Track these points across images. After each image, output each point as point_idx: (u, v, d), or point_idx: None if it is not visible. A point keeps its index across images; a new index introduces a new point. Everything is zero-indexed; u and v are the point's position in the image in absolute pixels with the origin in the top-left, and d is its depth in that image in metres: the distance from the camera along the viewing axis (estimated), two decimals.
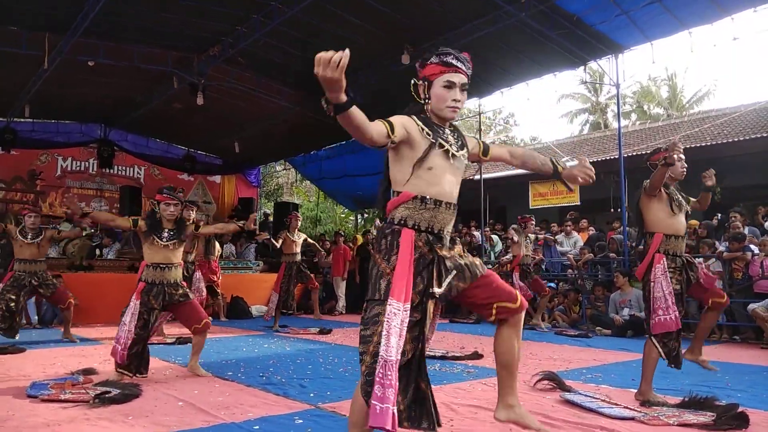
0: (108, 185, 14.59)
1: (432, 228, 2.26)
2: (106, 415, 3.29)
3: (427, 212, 2.25)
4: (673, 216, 3.87)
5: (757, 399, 3.82)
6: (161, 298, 4.48)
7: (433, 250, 2.24)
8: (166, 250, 4.55)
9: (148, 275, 4.51)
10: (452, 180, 2.33)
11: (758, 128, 11.58)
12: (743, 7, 7.73)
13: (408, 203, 2.25)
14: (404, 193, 2.25)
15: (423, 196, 2.24)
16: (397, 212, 2.27)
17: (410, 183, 2.25)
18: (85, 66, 9.30)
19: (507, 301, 2.30)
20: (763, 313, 6.71)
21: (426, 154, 2.25)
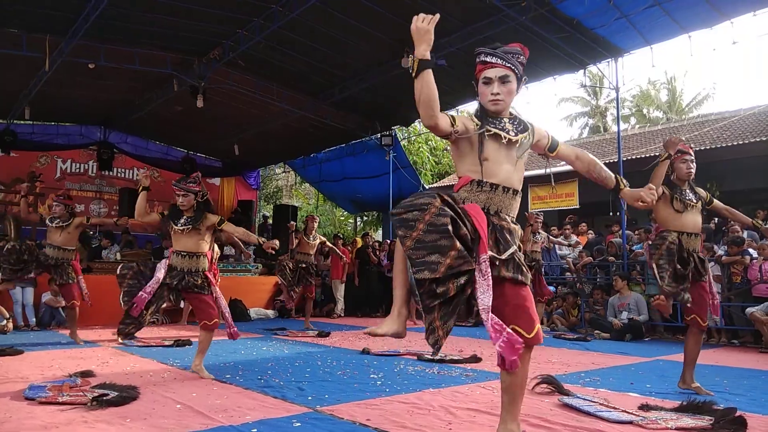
0: (107, 187, 14.60)
1: (488, 209, 2.39)
2: (104, 418, 3.28)
3: (484, 194, 2.40)
4: (678, 214, 3.97)
5: (756, 403, 3.81)
6: (178, 279, 4.62)
7: (490, 221, 2.35)
8: (184, 237, 4.69)
9: (172, 260, 4.70)
10: (509, 168, 2.46)
11: (757, 132, 11.60)
12: (743, 11, 7.76)
13: (466, 186, 2.43)
14: (464, 177, 2.44)
15: (479, 180, 2.41)
16: (458, 195, 2.43)
17: (469, 170, 2.44)
18: (85, 68, 9.32)
19: (523, 328, 2.31)
20: (761, 317, 6.71)
21: (481, 144, 2.39)
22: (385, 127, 13.02)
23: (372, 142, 13.51)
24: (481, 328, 9.31)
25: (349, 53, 9.79)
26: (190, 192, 4.76)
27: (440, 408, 3.54)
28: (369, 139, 13.52)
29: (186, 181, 4.84)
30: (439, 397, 3.87)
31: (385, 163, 13.37)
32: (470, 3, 7.94)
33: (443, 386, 4.27)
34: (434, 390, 4.10)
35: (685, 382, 4.18)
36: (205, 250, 4.82)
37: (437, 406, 3.57)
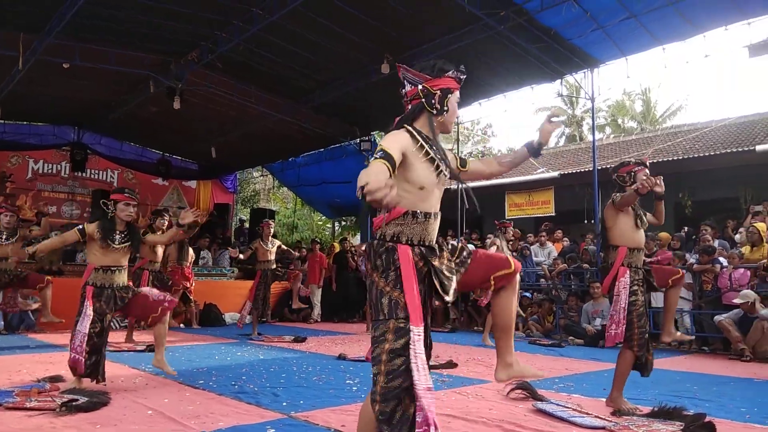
0: (80, 189, 14.33)
1: (423, 241, 2.22)
2: (73, 424, 3.22)
3: (419, 226, 2.21)
4: (636, 230, 4.03)
5: (724, 409, 3.89)
6: (113, 302, 4.38)
7: (427, 263, 2.20)
8: (116, 253, 4.44)
9: (97, 279, 4.37)
10: (438, 194, 2.33)
11: (728, 143, 11.87)
12: (715, 25, 7.95)
13: (399, 219, 2.19)
14: (395, 210, 2.17)
15: (414, 211, 2.20)
16: (388, 229, 2.20)
17: (402, 198, 2.17)
18: (59, 67, 9.15)
19: (502, 269, 2.34)
20: (728, 326, 6.85)
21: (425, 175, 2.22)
22: (364, 132, 13.03)
23: (351, 147, 13.50)
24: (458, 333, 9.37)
25: (329, 58, 9.78)
26: (133, 203, 4.58)
27: None
28: (348, 144, 13.51)
29: (133, 192, 4.68)
30: None
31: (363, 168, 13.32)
32: (450, 11, 8.00)
33: None
34: None
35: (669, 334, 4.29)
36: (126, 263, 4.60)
37: None
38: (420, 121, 2.32)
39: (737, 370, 5.96)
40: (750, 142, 11.26)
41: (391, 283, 2.14)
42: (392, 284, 2.13)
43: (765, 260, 7.34)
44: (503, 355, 2.46)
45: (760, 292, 6.97)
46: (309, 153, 14.78)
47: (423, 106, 2.30)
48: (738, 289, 7.14)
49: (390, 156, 2.02)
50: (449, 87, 2.31)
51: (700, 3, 7.49)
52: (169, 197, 15.86)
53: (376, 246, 2.19)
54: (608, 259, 4.08)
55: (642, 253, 4.09)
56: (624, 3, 7.61)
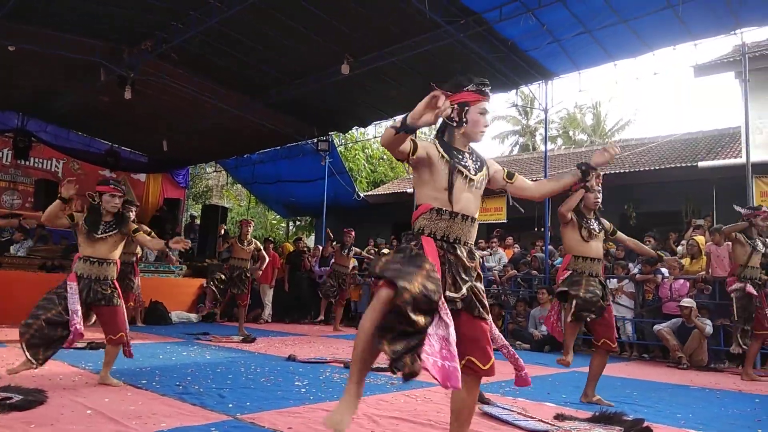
0: (23, 177, 13.75)
1: (447, 237, 2.45)
2: (6, 423, 3.07)
3: (443, 222, 2.45)
4: (583, 242, 4.23)
5: (661, 414, 4.03)
6: (85, 293, 4.27)
7: (446, 256, 2.41)
8: (100, 243, 4.38)
9: (79, 268, 4.34)
10: (469, 197, 2.53)
11: (673, 158, 12.36)
12: (664, 44, 8.27)
13: (426, 214, 2.47)
14: (423, 205, 2.49)
15: (439, 208, 2.46)
16: (417, 223, 2.50)
17: (429, 197, 2.49)
18: (5, 50, 8.75)
19: (479, 360, 2.39)
20: (667, 335, 7.12)
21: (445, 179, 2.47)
22: (322, 132, 12.97)
23: (308, 147, 13.42)
24: None
25: (288, 55, 9.68)
26: (119, 194, 4.50)
27: (363, 416, 3.53)
28: (305, 143, 13.42)
29: (118, 182, 4.62)
30: (363, 405, 3.85)
31: (320, 168, 13.29)
32: (412, 17, 8.04)
33: (368, 394, 4.27)
34: None
35: (587, 396, 4.44)
36: (116, 258, 4.52)
37: (361, 414, 3.56)
38: (447, 134, 2.61)
39: (675, 377, 6.19)
40: (693, 159, 11.75)
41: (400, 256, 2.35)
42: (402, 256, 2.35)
43: (703, 272, 7.66)
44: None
45: (697, 302, 7.27)
46: (265, 150, 14.62)
47: (445, 120, 2.58)
48: (678, 299, 7.44)
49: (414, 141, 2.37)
50: (466, 100, 2.56)
51: (650, 22, 7.78)
52: None
53: (406, 236, 2.52)
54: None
55: (596, 262, 4.34)
56: (579, 18, 7.83)
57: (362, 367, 2.29)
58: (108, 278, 4.41)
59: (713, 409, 4.39)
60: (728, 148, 12.07)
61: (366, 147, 20.53)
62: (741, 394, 5.23)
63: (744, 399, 4.98)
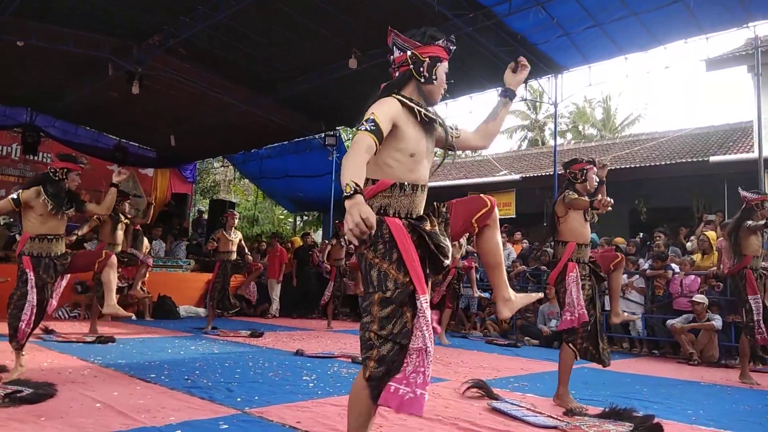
0: (31, 173, 13.77)
1: (411, 214, 2.19)
2: (17, 416, 3.08)
3: (406, 198, 2.17)
4: (584, 226, 4.12)
5: (672, 411, 4.00)
6: (52, 270, 4.30)
7: (416, 230, 2.13)
8: (54, 221, 4.34)
9: (33, 248, 4.26)
10: (427, 165, 2.28)
11: (684, 153, 12.26)
12: (675, 38, 8.19)
13: (386, 191, 2.14)
14: (381, 181, 2.14)
15: (402, 182, 2.16)
16: (374, 201, 2.13)
17: (386, 170, 2.15)
18: (13, 46, 8.78)
19: (479, 210, 2.26)
20: (680, 329, 7.06)
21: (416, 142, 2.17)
22: (330, 127, 12.95)
23: (315, 142, 13.41)
24: None
25: (295, 50, 9.66)
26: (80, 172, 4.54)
27: None
28: (312, 138, 13.41)
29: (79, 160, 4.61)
30: None
31: (327, 163, 13.28)
32: (420, 10, 8.00)
33: None
34: None
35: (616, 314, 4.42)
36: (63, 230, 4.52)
37: None
38: (408, 88, 2.27)
39: (685, 373, 6.15)
40: (704, 153, 11.65)
41: (380, 255, 2.10)
42: (381, 256, 2.10)
43: (714, 268, 7.59)
44: (501, 292, 2.41)
45: (709, 298, 7.21)
46: (272, 145, 14.61)
47: (411, 73, 2.27)
48: (689, 295, 7.37)
49: (378, 128, 2.00)
50: (438, 55, 2.28)
51: (661, 16, 7.70)
52: (124, 185, 15.34)
53: None
54: (556, 254, 4.24)
55: (588, 248, 4.22)
56: (589, 11, 7.76)
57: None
58: (62, 250, 4.42)
59: (724, 406, 4.35)
60: (740, 143, 11.96)
61: None
62: (752, 391, 5.18)
63: (755, 395, 4.93)
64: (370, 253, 2.11)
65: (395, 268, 2.09)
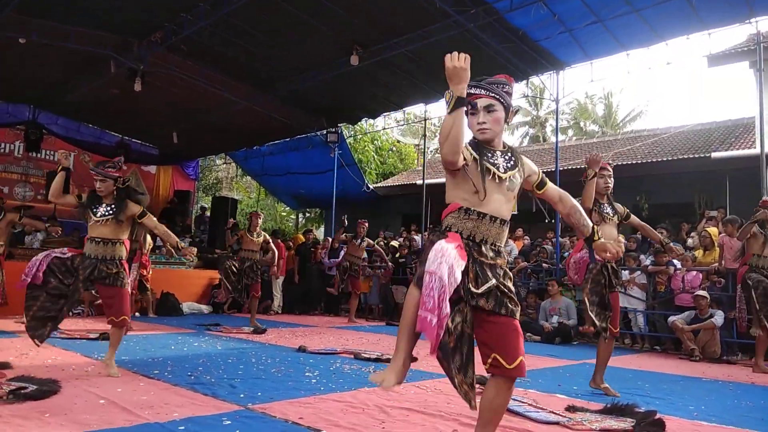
0: (34, 170, 13.86)
1: (473, 237, 2.38)
2: (21, 413, 3.10)
3: (470, 222, 2.38)
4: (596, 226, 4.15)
5: (674, 406, 4.01)
6: (90, 270, 4.30)
7: (471, 254, 2.34)
8: (100, 226, 4.40)
9: (87, 248, 4.39)
10: (500, 198, 2.43)
11: (685, 149, 12.24)
12: (677, 33, 8.17)
13: (454, 213, 2.42)
14: (452, 204, 2.44)
15: (467, 207, 2.40)
16: (445, 221, 2.45)
17: (459, 197, 2.43)
18: (15, 43, 8.79)
19: (503, 358, 2.28)
20: (681, 326, 7.07)
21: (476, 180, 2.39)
22: (331, 124, 12.95)
23: (317, 138, 13.41)
24: None
25: (298, 47, 9.66)
26: (108, 177, 4.49)
27: (374, 407, 3.54)
28: (314, 135, 13.42)
29: (105, 165, 4.57)
30: (373, 395, 3.87)
31: (329, 160, 13.30)
32: (420, 6, 8.00)
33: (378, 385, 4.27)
34: (369, 389, 4.09)
35: (595, 382, 4.47)
36: (124, 238, 4.54)
37: (371, 405, 3.57)
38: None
39: (687, 369, 6.15)
40: (706, 149, 11.63)
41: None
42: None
43: (716, 264, 7.60)
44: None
45: (710, 294, 7.21)
46: (274, 142, 14.63)
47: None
48: (690, 291, 7.38)
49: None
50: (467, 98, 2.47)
51: (663, 11, 7.69)
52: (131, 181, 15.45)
53: (431, 234, 2.49)
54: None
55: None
56: (591, 7, 7.75)
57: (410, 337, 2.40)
58: (115, 257, 4.42)
59: (726, 401, 4.36)
60: (742, 139, 11.94)
61: (375, 138, 20.48)
62: (754, 386, 5.19)
63: (757, 391, 4.94)
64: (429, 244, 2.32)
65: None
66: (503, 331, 2.34)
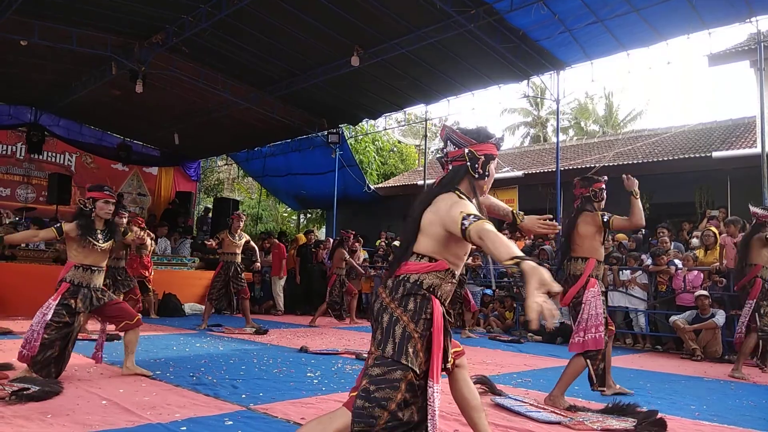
0: (36, 172, 13.87)
1: (446, 301, 2.27)
2: (23, 413, 3.11)
3: (449, 286, 2.26)
4: (601, 245, 4.14)
5: (676, 406, 4.01)
6: (89, 301, 4.24)
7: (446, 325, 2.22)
8: (98, 253, 4.30)
9: (75, 276, 4.21)
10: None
11: (686, 149, 12.23)
12: (678, 33, 8.17)
13: (440, 273, 2.21)
14: (441, 263, 2.20)
15: (453, 271, 2.25)
16: (427, 278, 2.19)
17: (447, 257, 2.22)
18: (17, 45, 8.82)
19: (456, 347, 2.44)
20: (683, 325, 7.07)
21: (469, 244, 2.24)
22: (333, 125, 12.96)
23: (318, 139, 13.42)
24: None
25: (298, 48, 9.68)
26: (113, 200, 4.42)
27: None
28: (315, 136, 13.42)
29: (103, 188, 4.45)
30: None
31: (331, 161, 13.31)
32: (422, 7, 8.01)
33: None
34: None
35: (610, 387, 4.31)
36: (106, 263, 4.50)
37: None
38: (463, 184, 2.31)
39: (688, 368, 6.15)
40: (707, 149, 11.62)
41: (420, 330, 2.12)
42: (421, 332, 2.12)
43: (718, 263, 7.59)
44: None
45: (712, 294, 7.20)
46: (275, 143, 14.65)
47: (467, 169, 2.30)
48: (692, 291, 7.37)
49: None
50: (492, 153, 2.33)
51: (663, 11, 7.68)
52: (129, 183, 15.50)
53: (410, 288, 2.17)
54: (573, 270, 4.10)
55: (602, 266, 4.25)
56: (591, 7, 7.75)
57: None
58: (101, 284, 4.39)
59: (727, 401, 4.36)
60: (743, 138, 11.92)
61: (376, 139, 20.48)
62: (755, 386, 5.19)
63: (759, 391, 4.94)
64: (411, 324, 2.12)
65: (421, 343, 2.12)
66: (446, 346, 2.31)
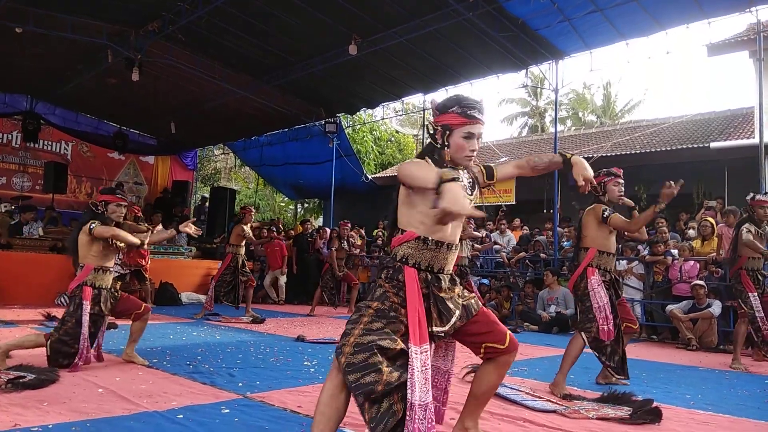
0: (32, 160, 13.82)
1: (432, 267, 2.30)
2: (19, 401, 3.11)
3: (429, 252, 2.29)
4: (609, 236, 4.11)
5: (671, 395, 4.03)
6: (109, 304, 4.30)
7: (430, 290, 2.28)
8: (112, 254, 4.37)
9: (96, 280, 4.22)
10: (456, 223, 2.34)
11: (684, 139, 12.22)
12: (677, 22, 8.13)
13: (411, 242, 2.28)
14: (408, 233, 2.28)
15: (426, 237, 2.27)
16: (400, 249, 2.29)
17: (415, 224, 2.28)
18: (12, 32, 8.73)
19: (495, 342, 2.39)
20: (679, 315, 7.10)
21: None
22: (330, 114, 12.91)
23: (316, 129, 13.37)
24: None
25: (295, 37, 9.61)
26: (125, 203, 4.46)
27: None
28: (313, 125, 13.37)
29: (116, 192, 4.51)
30: None
31: (328, 150, 13.27)
32: None
33: None
34: None
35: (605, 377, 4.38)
36: None
37: None
38: (436, 153, 2.38)
39: (684, 358, 6.18)
40: (705, 139, 11.62)
41: (394, 290, 2.25)
42: (394, 291, 2.25)
43: (714, 254, 7.60)
44: (464, 418, 2.55)
45: (708, 284, 7.23)
46: (273, 132, 14.59)
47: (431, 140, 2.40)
48: (688, 281, 7.39)
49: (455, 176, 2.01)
50: (449, 123, 2.33)
51: (663, 0, 7.64)
52: (125, 172, 15.46)
53: (387, 261, 2.32)
54: (577, 259, 4.24)
55: (613, 257, 4.22)
56: None
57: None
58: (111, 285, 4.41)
59: (722, 390, 4.38)
60: (741, 129, 11.92)
61: (374, 129, 20.43)
62: (750, 375, 5.21)
63: (753, 380, 4.96)
64: (387, 284, 2.27)
65: (399, 303, 2.24)
66: (482, 324, 2.41)
